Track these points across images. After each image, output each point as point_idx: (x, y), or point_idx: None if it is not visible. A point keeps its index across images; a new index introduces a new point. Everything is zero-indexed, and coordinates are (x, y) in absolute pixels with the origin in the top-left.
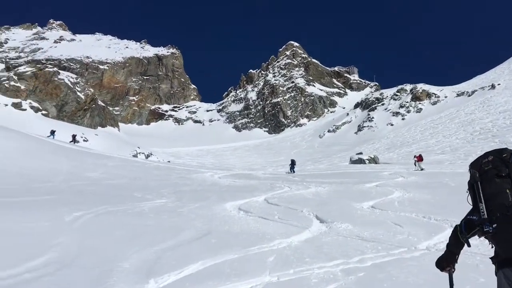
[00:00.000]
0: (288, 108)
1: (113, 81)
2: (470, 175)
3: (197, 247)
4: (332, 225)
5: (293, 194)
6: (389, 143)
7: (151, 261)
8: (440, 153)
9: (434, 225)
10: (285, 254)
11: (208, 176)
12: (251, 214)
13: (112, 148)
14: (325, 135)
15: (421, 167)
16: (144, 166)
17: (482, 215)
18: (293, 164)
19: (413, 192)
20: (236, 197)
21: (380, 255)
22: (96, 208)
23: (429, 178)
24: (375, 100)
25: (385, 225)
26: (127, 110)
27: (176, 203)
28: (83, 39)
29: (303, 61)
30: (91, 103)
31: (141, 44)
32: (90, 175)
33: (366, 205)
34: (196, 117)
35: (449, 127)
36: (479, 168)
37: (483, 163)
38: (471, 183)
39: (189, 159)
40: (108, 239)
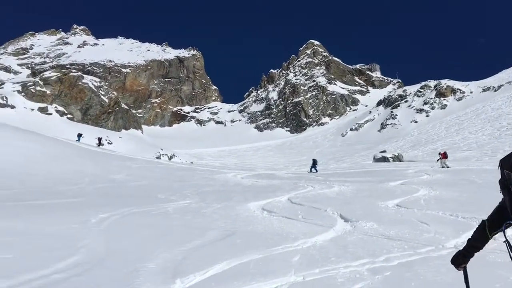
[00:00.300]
0: (309, 107)
1: (135, 84)
2: (502, 174)
3: (222, 247)
4: (357, 224)
5: (317, 193)
6: (414, 141)
7: (176, 261)
8: (467, 150)
9: (462, 223)
10: (310, 254)
11: (230, 176)
12: (274, 214)
13: (135, 150)
14: (348, 133)
15: (447, 165)
16: (167, 168)
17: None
18: (314, 163)
19: (439, 190)
20: (259, 197)
21: (407, 254)
22: (122, 209)
23: (456, 176)
24: (398, 97)
25: (411, 223)
26: (149, 112)
27: (199, 203)
28: (105, 43)
29: (324, 60)
30: (115, 106)
31: (163, 47)
32: (115, 177)
33: (391, 203)
34: (217, 118)
35: (475, 123)
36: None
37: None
38: (506, 184)
39: (212, 160)
40: (134, 240)
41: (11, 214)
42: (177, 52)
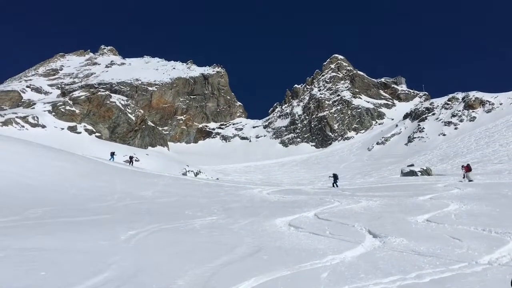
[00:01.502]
0: (334, 121)
1: (161, 101)
2: None
3: (250, 263)
4: (386, 240)
5: (344, 208)
6: (442, 154)
7: (205, 277)
8: (498, 163)
9: (496, 238)
10: (339, 270)
11: (256, 192)
12: (301, 229)
13: (162, 167)
14: (374, 147)
15: (470, 178)
16: (193, 184)
17: None
18: (335, 178)
19: (471, 204)
20: (286, 212)
21: (439, 271)
22: (150, 226)
23: (487, 189)
24: (425, 110)
25: (442, 239)
26: (175, 129)
27: (226, 219)
28: (132, 62)
29: (348, 74)
30: (141, 124)
31: (188, 65)
32: (143, 194)
33: (420, 218)
34: (242, 134)
35: (505, 135)
36: None
37: None
38: None
39: (237, 176)
40: (163, 256)
41: (44, 231)
42: (202, 69)
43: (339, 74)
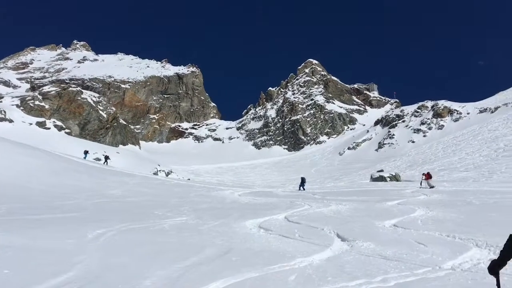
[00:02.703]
0: (307, 125)
1: (134, 99)
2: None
3: (219, 265)
4: (354, 244)
5: (314, 212)
6: (411, 160)
7: (173, 278)
8: (464, 171)
9: (459, 244)
10: (306, 273)
11: (227, 193)
12: (271, 232)
13: (133, 166)
14: (345, 152)
15: (431, 185)
16: (164, 184)
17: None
18: (303, 181)
19: (436, 210)
20: (256, 215)
21: (404, 275)
22: (118, 225)
23: (453, 196)
24: (395, 117)
25: (408, 244)
26: (148, 128)
27: (196, 220)
28: (105, 59)
29: (322, 79)
30: (113, 121)
31: (162, 64)
32: (113, 193)
33: (388, 223)
34: (215, 135)
35: (472, 144)
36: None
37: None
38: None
39: (209, 177)
40: (130, 256)
41: (7, 228)
42: (177, 69)
43: (313, 79)
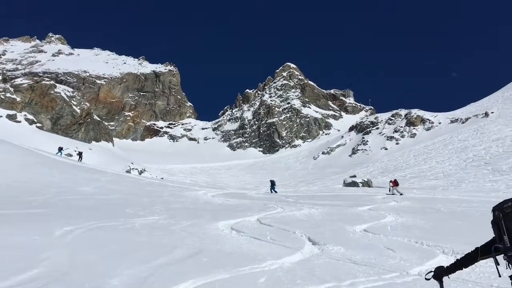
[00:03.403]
0: (283, 128)
1: (109, 96)
2: (493, 215)
3: (189, 265)
4: (325, 248)
5: (286, 215)
6: (383, 167)
7: (141, 278)
8: (433, 179)
9: (426, 251)
10: (276, 276)
11: (201, 194)
12: (243, 234)
13: (105, 163)
14: (319, 157)
15: (399, 192)
16: (137, 182)
17: (506, 244)
18: (273, 184)
19: (406, 217)
20: (229, 216)
21: (372, 279)
22: (88, 223)
23: (422, 204)
24: (369, 124)
25: (377, 249)
26: (122, 125)
27: (168, 220)
28: (81, 53)
29: (300, 83)
30: (87, 117)
31: (139, 61)
32: (83, 190)
33: (358, 228)
34: (191, 135)
35: (442, 153)
36: (502, 210)
37: (504, 207)
38: (496, 221)
39: (183, 177)
40: (99, 254)
41: None
42: (154, 66)
43: (291, 83)
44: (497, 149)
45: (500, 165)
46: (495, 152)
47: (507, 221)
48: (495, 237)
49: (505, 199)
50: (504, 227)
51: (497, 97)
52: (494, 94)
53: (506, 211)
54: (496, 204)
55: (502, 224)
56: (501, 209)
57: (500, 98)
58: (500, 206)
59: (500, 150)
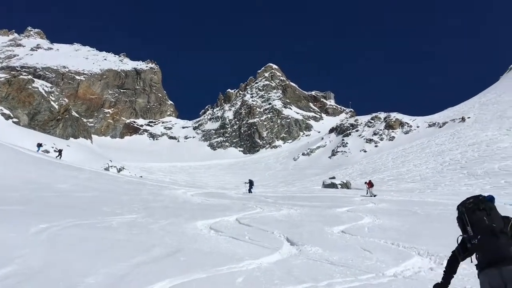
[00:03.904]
0: (264, 129)
1: (88, 92)
2: (458, 212)
3: (166, 264)
4: (303, 248)
5: (265, 215)
6: (362, 169)
7: (117, 277)
8: (411, 182)
9: (402, 252)
10: (254, 276)
11: (180, 193)
12: (222, 233)
13: (84, 160)
14: (300, 158)
15: (373, 193)
16: (115, 180)
17: (469, 234)
18: (251, 184)
19: (383, 219)
20: (208, 215)
21: (348, 280)
22: (64, 220)
23: (399, 206)
24: (349, 126)
25: (355, 250)
26: (101, 122)
27: (146, 219)
28: (60, 48)
29: (281, 84)
30: (65, 113)
31: (120, 57)
32: (60, 187)
33: (336, 229)
34: (171, 133)
35: (419, 157)
36: (465, 206)
37: (467, 203)
38: (460, 216)
39: (162, 175)
40: (74, 253)
41: None
42: (135, 64)
43: (272, 83)
44: (472, 153)
45: (475, 169)
46: (470, 157)
47: (469, 214)
48: (461, 230)
49: (468, 197)
50: (468, 219)
51: (474, 103)
52: (471, 100)
53: (468, 206)
54: (460, 202)
55: (465, 217)
56: (464, 205)
57: (477, 104)
58: (464, 203)
59: (476, 154)
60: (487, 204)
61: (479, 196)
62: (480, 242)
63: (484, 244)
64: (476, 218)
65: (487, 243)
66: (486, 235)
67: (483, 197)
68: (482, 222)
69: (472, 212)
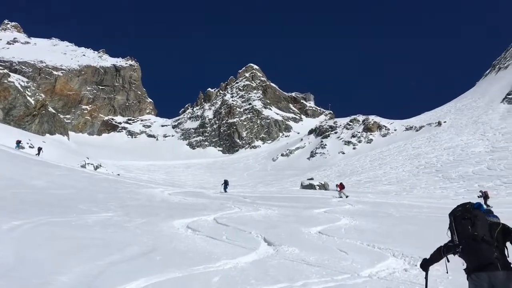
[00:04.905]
0: (243, 129)
1: (66, 88)
2: (450, 220)
3: (142, 263)
4: (280, 248)
5: (243, 215)
6: (340, 171)
7: (91, 276)
8: (387, 184)
9: (378, 254)
10: (230, 275)
11: (158, 192)
12: (199, 233)
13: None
14: (278, 158)
15: (346, 195)
16: (92, 178)
17: (455, 242)
18: (226, 184)
19: (359, 220)
20: (185, 215)
21: (324, 280)
22: (38, 217)
23: (375, 208)
24: (328, 128)
25: (331, 251)
26: (78, 119)
27: (122, 217)
28: (38, 42)
29: (262, 84)
30: (41, 109)
31: (99, 54)
32: (35, 183)
33: (313, 230)
34: (150, 131)
35: (396, 159)
36: (454, 214)
37: (456, 211)
38: (450, 224)
39: (140, 174)
40: (48, 250)
41: None
42: (114, 60)
43: (253, 84)
44: (448, 157)
45: (450, 173)
46: (446, 160)
47: (457, 223)
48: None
49: (458, 204)
50: (454, 228)
51: (450, 107)
52: (447, 104)
53: (456, 215)
54: (451, 210)
55: (453, 225)
56: (454, 214)
57: (453, 109)
58: (454, 211)
59: (451, 158)
60: (473, 212)
61: (467, 204)
62: (463, 250)
63: (467, 251)
64: (461, 228)
65: (468, 250)
66: (468, 243)
67: (471, 205)
68: (466, 231)
69: (459, 222)
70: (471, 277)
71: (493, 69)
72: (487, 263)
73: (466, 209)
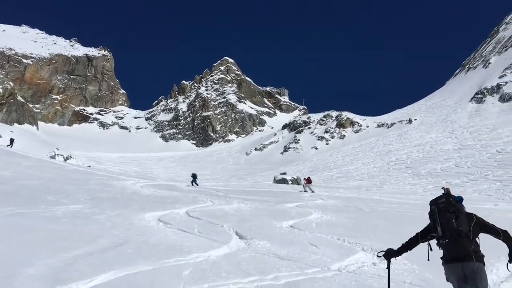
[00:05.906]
0: (217, 122)
1: (36, 77)
2: (430, 208)
3: (111, 256)
4: (251, 242)
5: (215, 208)
6: (312, 166)
7: (59, 268)
8: (359, 179)
9: (347, 248)
10: (201, 268)
11: (129, 184)
12: (170, 226)
13: (28, 147)
14: (252, 152)
15: (312, 189)
16: (61, 169)
17: (439, 234)
18: (194, 177)
19: (331, 215)
20: (157, 207)
21: (294, 274)
22: (4, 208)
23: (347, 202)
24: (302, 123)
25: (302, 245)
26: (48, 108)
27: (93, 209)
28: (7, 29)
29: (236, 78)
30: (9, 97)
31: (71, 42)
32: (1, 174)
33: (285, 224)
34: (122, 123)
35: (368, 155)
36: (437, 205)
37: (439, 202)
38: (432, 214)
39: (111, 166)
40: (14, 242)
41: None
42: (87, 50)
43: (228, 77)
44: (417, 154)
45: (419, 169)
46: (415, 157)
47: (440, 215)
48: (431, 226)
49: (439, 195)
50: (438, 220)
51: (420, 105)
52: (418, 103)
53: (440, 206)
54: (433, 199)
55: (437, 217)
56: (436, 204)
57: (424, 107)
58: (436, 201)
59: (420, 155)
60: (457, 206)
61: (450, 197)
62: (448, 243)
63: (451, 244)
64: (446, 220)
65: (453, 244)
66: (453, 237)
67: (453, 198)
68: (451, 224)
69: (442, 213)
70: (447, 265)
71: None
72: (465, 255)
73: (450, 202)
